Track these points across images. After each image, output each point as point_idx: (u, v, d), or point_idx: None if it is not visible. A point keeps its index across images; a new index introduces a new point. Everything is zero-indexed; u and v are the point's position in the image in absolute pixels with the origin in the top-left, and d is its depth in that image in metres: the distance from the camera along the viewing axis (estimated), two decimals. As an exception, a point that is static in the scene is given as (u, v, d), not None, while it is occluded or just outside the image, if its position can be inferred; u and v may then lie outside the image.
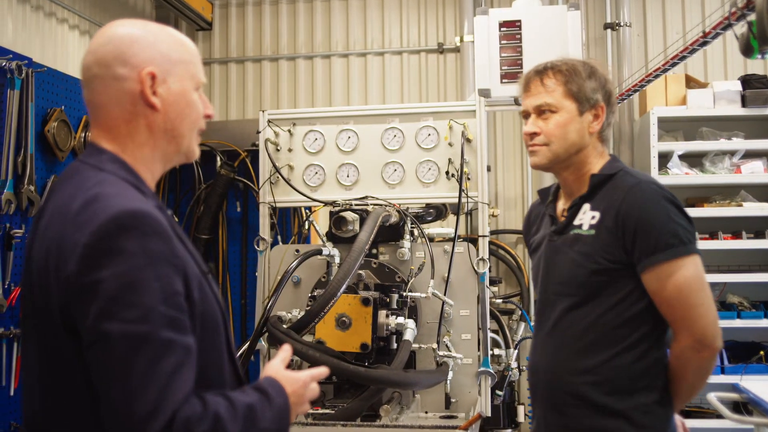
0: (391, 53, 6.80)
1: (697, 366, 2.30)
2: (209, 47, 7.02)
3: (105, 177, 1.70)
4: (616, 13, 6.36)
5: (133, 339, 1.52)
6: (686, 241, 2.29)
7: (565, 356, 2.41)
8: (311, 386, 1.90)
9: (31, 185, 4.01)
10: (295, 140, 4.64)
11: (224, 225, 6.14)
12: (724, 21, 3.43)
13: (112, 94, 1.74)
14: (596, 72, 2.49)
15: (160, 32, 1.81)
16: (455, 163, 4.41)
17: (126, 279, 1.53)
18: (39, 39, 4.69)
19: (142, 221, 1.59)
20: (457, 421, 3.89)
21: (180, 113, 1.80)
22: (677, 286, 2.26)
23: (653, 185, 2.37)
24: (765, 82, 5.34)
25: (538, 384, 2.52)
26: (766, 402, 3.40)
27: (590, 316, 2.37)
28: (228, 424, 1.60)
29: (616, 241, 2.33)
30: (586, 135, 2.48)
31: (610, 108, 2.51)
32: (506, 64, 4.61)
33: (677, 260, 2.26)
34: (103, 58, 1.74)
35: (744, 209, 5.29)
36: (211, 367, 1.74)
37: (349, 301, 3.92)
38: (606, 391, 2.33)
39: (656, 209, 2.30)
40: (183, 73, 1.80)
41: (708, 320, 2.26)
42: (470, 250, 4.31)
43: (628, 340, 2.33)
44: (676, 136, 5.57)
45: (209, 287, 1.78)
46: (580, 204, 2.47)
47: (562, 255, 2.46)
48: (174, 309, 1.58)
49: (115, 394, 1.53)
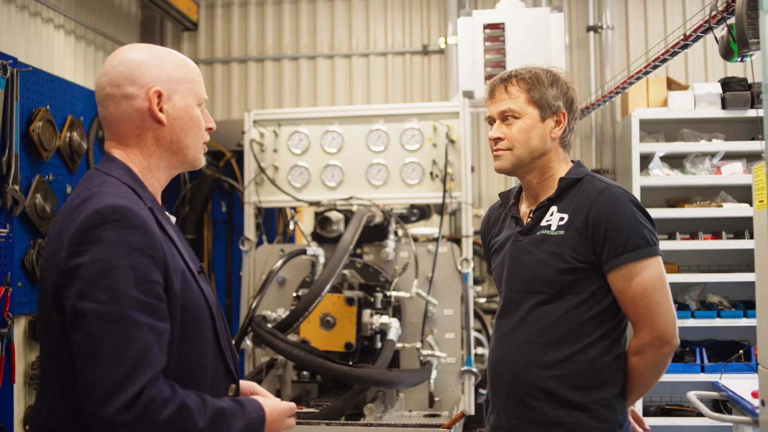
0: (376, 55, 6.82)
1: (656, 362, 2.42)
2: (194, 48, 7.01)
3: (107, 180, 1.87)
4: (598, 15, 6.41)
5: (104, 318, 1.65)
6: (651, 243, 2.39)
7: (531, 350, 2.48)
8: (289, 420, 2.01)
9: (15, 185, 4.00)
10: (281, 141, 4.66)
11: (209, 225, 6.15)
12: (705, 24, 3.48)
13: (123, 111, 1.93)
14: (558, 80, 2.59)
15: (166, 54, 2.00)
16: (439, 164, 4.45)
17: (103, 264, 1.68)
18: (24, 38, 4.68)
19: (123, 215, 1.73)
20: (441, 419, 3.92)
21: (184, 127, 1.99)
22: (642, 284, 2.37)
23: (620, 189, 2.48)
24: (745, 85, 5.39)
25: (502, 377, 2.58)
26: (745, 400, 3.44)
27: (557, 313, 2.46)
28: (195, 416, 1.70)
29: (585, 242, 2.42)
30: (548, 140, 2.56)
31: (572, 114, 2.60)
32: (490, 66, 4.65)
33: (643, 260, 2.37)
34: (114, 79, 1.93)
35: (724, 210, 5.33)
36: (191, 357, 1.85)
37: (333, 301, 3.94)
38: (569, 385, 2.42)
39: (625, 212, 2.41)
40: (186, 91, 2.00)
41: (668, 318, 2.38)
42: (454, 250, 4.34)
43: (592, 336, 2.43)
44: (657, 137, 5.62)
45: (197, 283, 1.91)
46: (548, 206, 2.56)
47: (529, 254, 2.53)
48: (148, 295, 1.71)
49: (86, 368, 1.66)
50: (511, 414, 2.53)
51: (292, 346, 3.59)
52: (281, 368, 4.17)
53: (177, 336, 1.79)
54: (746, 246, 5.19)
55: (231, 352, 2.01)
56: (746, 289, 5.20)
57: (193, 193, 6.02)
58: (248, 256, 4.59)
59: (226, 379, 1.97)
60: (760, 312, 3.03)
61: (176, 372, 1.77)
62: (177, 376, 1.76)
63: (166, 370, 1.72)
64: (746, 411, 3.36)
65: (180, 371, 1.79)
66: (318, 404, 3.71)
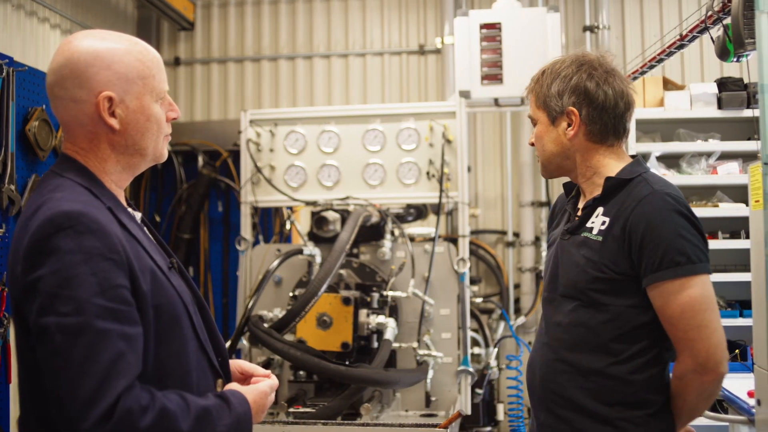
0: (372, 54, 6.82)
1: (699, 389, 2.20)
2: (191, 47, 7.01)
3: (62, 182, 1.77)
4: (595, 15, 6.42)
5: (69, 330, 1.58)
6: (695, 260, 2.15)
7: (560, 358, 2.34)
8: (270, 396, 1.97)
9: (11, 184, 4.00)
10: (277, 140, 4.65)
11: (206, 225, 6.14)
12: (701, 24, 3.48)
13: (73, 115, 1.81)
14: (560, 73, 2.36)
15: (118, 49, 1.83)
16: (436, 164, 4.45)
17: (61, 275, 1.60)
18: (20, 38, 4.68)
19: (77, 220, 1.64)
20: (437, 419, 3.92)
21: (140, 129, 1.85)
22: (681, 305, 2.15)
23: (668, 196, 2.22)
24: (741, 85, 5.39)
25: (533, 382, 2.45)
26: (741, 400, 3.44)
27: (590, 323, 2.28)
28: (178, 419, 1.64)
29: (622, 252, 2.22)
30: (565, 143, 2.37)
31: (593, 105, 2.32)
32: (486, 66, 4.65)
33: (683, 279, 2.15)
34: (61, 81, 1.80)
35: (720, 210, 5.33)
36: (171, 358, 1.78)
37: (330, 301, 3.94)
38: (597, 398, 2.27)
39: (664, 223, 2.18)
40: (141, 90, 1.84)
41: (711, 343, 2.14)
42: (450, 249, 4.34)
43: (626, 352, 2.25)
44: (653, 137, 5.62)
45: (169, 281, 1.82)
46: (594, 206, 2.35)
47: (570, 256, 2.36)
48: (114, 301, 1.63)
49: (56, 384, 1.59)
50: (542, 421, 2.41)
51: (289, 345, 3.59)
52: (278, 368, 4.16)
53: (152, 338, 1.73)
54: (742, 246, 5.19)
55: (216, 345, 1.96)
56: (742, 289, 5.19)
57: (189, 192, 6.02)
58: (245, 255, 4.58)
59: (212, 375, 1.92)
60: (756, 312, 3.03)
61: (158, 375, 1.72)
62: (159, 379, 1.72)
63: (146, 375, 1.67)
64: (742, 410, 3.36)
65: (162, 374, 1.74)
66: (314, 404, 3.71)
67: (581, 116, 2.33)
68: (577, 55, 2.40)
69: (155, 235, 1.98)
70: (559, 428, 2.34)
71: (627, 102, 2.36)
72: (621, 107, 2.34)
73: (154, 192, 6.11)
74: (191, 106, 6.95)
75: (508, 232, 6.55)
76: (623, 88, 2.36)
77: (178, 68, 6.98)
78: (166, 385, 1.72)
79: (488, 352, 5.12)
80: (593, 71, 2.33)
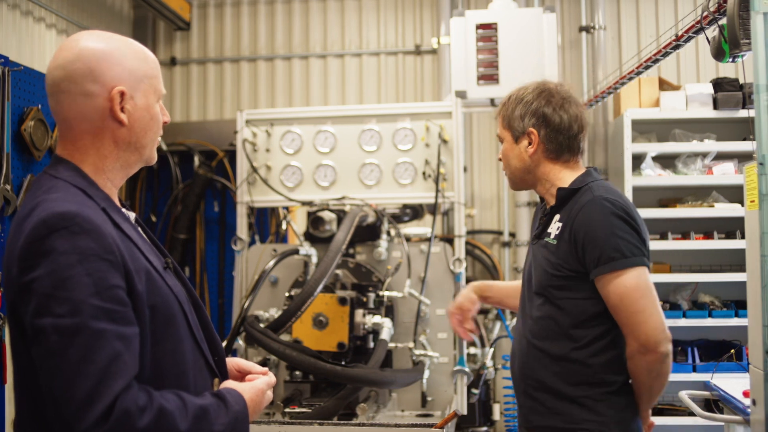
0: (369, 54, 6.82)
1: (646, 368, 2.49)
2: (187, 47, 7.00)
3: (56, 183, 1.78)
4: (591, 16, 6.42)
5: (65, 331, 1.58)
6: (628, 255, 2.46)
7: (533, 347, 2.67)
8: (268, 394, 1.99)
9: (7, 184, 3.99)
10: (273, 140, 4.65)
11: (202, 225, 6.14)
12: (696, 25, 3.48)
13: (80, 110, 1.81)
14: (524, 98, 2.69)
15: (125, 47, 1.88)
16: (432, 164, 4.45)
17: (57, 276, 1.61)
18: (16, 38, 4.67)
19: (71, 221, 1.65)
20: (433, 419, 3.92)
21: (144, 126, 1.89)
22: (619, 294, 2.46)
23: (606, 201, 2.53)
24: (736, 85, 5.40)
25: (514, 370, 2.79)
26: (736, 400, 3.45)
27: (554, 315, 2.61)
28: (176, 419, 1.65)
29: (572, 252, 2.55)
30: (526, 159, 2.70)
31: (550, 128, 2.65)
32: (482, 66, 4.65)
33: (617, 272, 2.46)
34: (72, 75, 1.80)
35: (715, 210, 5.35)
36: (168, 358, 1.79)
37: (326, 301, 3.94)
38: (564, 380, 2.58)
39: (601, 226, 2.49)
40: (147, 89, 1.89)
41: (649, 326, 2.44)
42: (446, 250, 4.35)
43: (585, 339, 2.57)
44: (649, 137, 5.63)
45: (164, 280, 1.83)
46: (552, 214, 2.68)
47: (537, 259, 2.69)
48: (110, 301, 1.63)
49: (53, 385, 1.59)
50: (521, 403, 2.75)
51: (285, 345, 3.59)
52: (274, 368, 4.16)
53: (148, 338, 1.73)
54: (738, 246, 5.21)
55: (212, 345, 1.97)
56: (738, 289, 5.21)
57: (185, 192, 6.01)
58: (241, 255, 4.58)
59: (209, 374, 1.93)
60: (751, 312, 3.04)
61: (154, 375, 1.73)
62: (156, 378, 1.72)
63: (143, 375, 1.68)
64: (737, 410, 3.37)
65: (158, 373, 1.75)
66: (310, 404, 3.71)
67: (540, 136, 2.67)
68: (539, 83, 2.73)
69: (149, 235, 1.99)
70: (535, 409, 2.66)
71: (580, 125, 2.70)
72: (575, 129, 2.67)
73: (150, 192, 6.11)
74: (187, 105, 6.95)
75: (504, 233, 6.55)
76: (577, 113, 2.69)
77: (174, 68, 6.97)
78: (163, 384, 1.73)
79: (484, 352, 5.11)
80: (551, 98, 2.67)
